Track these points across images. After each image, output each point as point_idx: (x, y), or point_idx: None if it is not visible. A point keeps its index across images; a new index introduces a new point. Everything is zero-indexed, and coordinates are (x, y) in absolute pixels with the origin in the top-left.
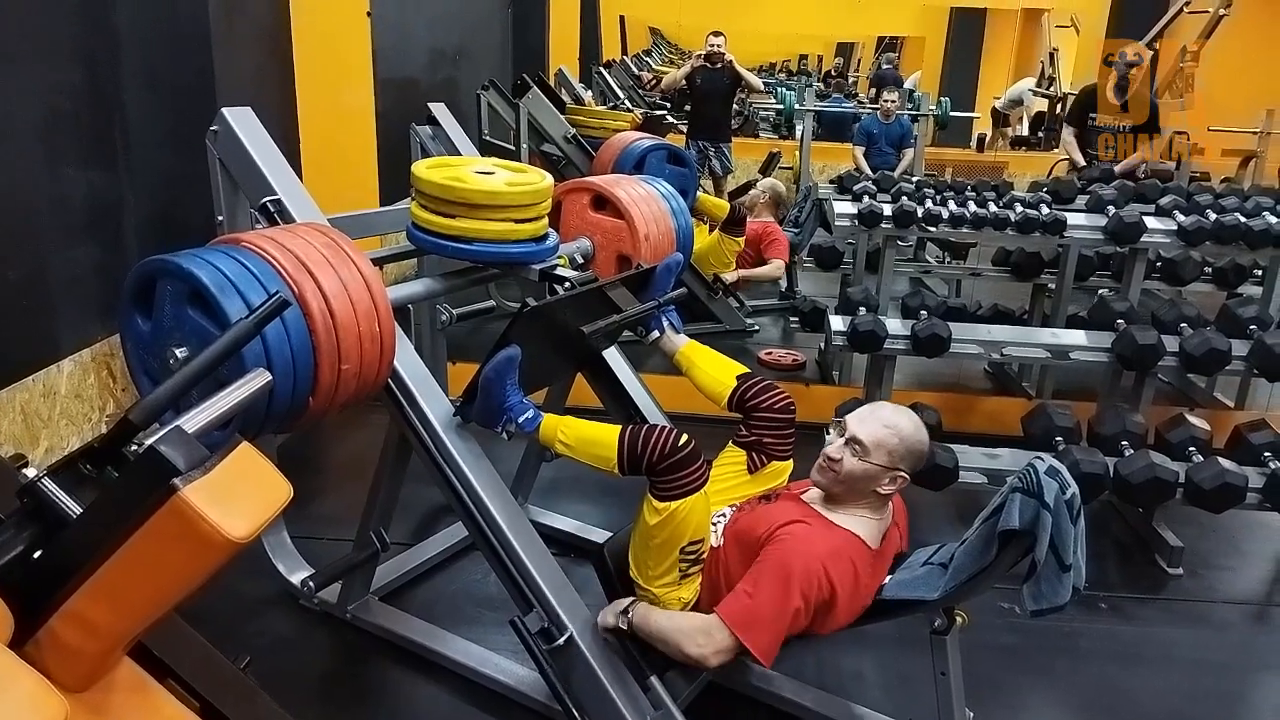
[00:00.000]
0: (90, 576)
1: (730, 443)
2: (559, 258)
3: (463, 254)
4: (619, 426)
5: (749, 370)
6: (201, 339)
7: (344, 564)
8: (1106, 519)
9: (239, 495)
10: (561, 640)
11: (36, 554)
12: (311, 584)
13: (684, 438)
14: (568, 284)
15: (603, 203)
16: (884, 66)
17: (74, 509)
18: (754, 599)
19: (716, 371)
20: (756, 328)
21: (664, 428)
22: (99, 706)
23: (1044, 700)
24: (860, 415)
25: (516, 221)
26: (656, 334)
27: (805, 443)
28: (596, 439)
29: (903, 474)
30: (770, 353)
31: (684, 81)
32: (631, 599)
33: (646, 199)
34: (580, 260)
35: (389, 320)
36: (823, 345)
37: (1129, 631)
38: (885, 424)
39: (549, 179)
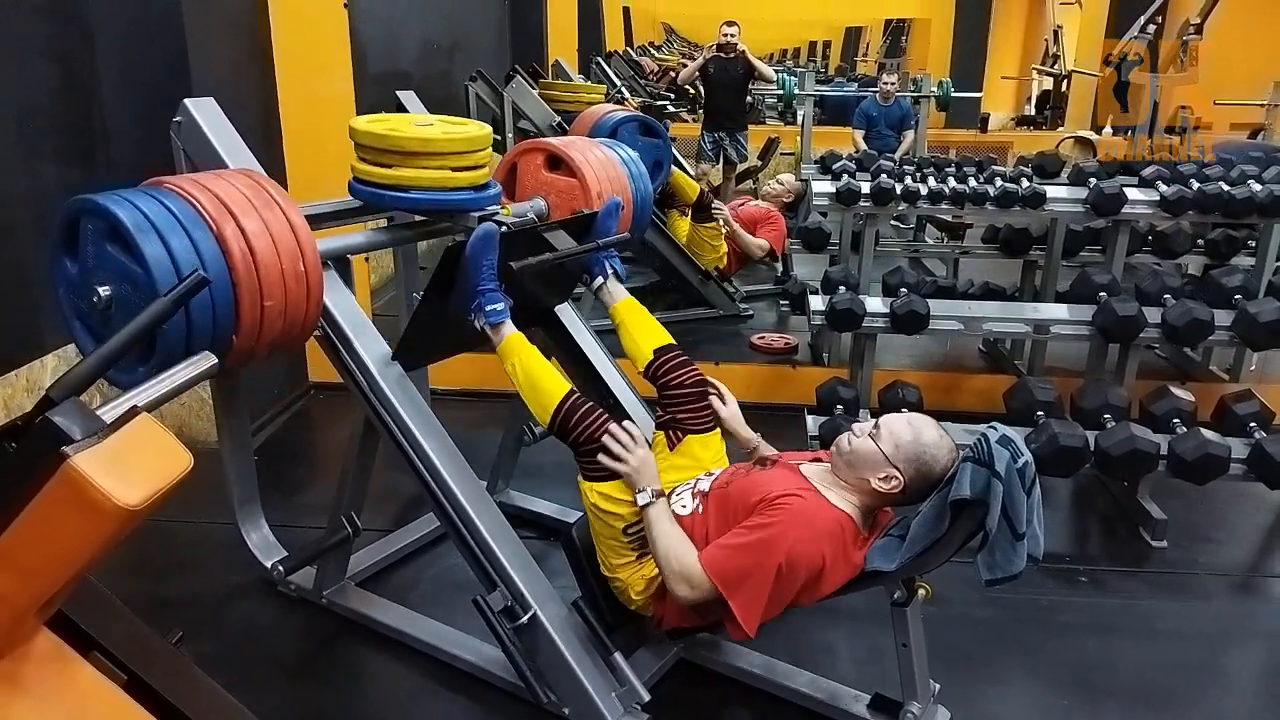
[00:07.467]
0: None
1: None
2: (501, 207)
3: (399, 203)
4: (569, 388)
5: (671, 342)
6: (122, 276)
7: (314, 548)
8: (1092, 494)
9: (134, 464)
10: (525, 619)
11: None
12: (281, 568)
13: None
14: (505, 228)
15: (557, 163)
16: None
17: None
18: (745, 559)
19: (641, 338)
20: (750, 313)
21: (603, 419)
22: (13, 675)
23: (1018, 673)
24: (900, 413)
25: (454, 169)
26: (600, 280)
27: (786, 424)
28: (543, 388)
29: (898, 475)
30: (763, 337)
31: (698, 74)
32: (659, 492)
33: (603, 162)
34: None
35: (315, 261)
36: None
37: (1109, 604)
38: (910, 422)
39: (487, 128)
